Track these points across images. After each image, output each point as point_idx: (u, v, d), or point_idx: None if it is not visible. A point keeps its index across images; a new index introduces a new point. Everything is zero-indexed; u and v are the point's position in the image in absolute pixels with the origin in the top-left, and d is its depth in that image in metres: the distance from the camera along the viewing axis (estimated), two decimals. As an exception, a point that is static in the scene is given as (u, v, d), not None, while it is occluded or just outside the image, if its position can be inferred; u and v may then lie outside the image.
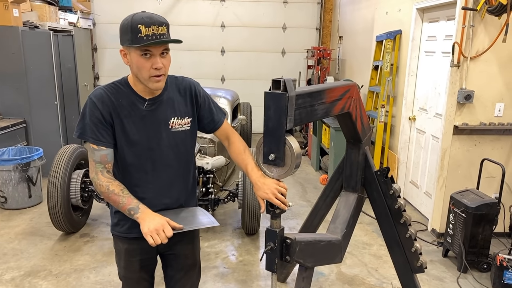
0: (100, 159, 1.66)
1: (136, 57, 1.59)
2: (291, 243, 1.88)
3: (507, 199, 3.81)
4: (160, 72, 1.62)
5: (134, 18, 1.58)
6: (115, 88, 1.70)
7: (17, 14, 5.08)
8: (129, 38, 1.57)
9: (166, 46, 1.63)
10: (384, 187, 2.45)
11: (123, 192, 1.64)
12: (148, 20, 1.57)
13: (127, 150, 1.71)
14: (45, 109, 5.42)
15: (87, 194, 3.98)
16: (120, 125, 1.68)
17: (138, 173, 1.74)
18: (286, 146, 1.72)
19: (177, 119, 1.76)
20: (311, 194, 5.15)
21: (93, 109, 1.65)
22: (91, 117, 1.64)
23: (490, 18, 3.48)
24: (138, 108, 1.69)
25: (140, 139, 1.71)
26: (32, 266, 3.37)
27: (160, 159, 1.75)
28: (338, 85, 2.16)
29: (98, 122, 1.64)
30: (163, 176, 1.77)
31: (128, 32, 1.58)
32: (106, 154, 1.67)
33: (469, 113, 3.72)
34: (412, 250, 2.50)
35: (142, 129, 1.70)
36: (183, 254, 1.93)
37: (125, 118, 1.68)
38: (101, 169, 1.67)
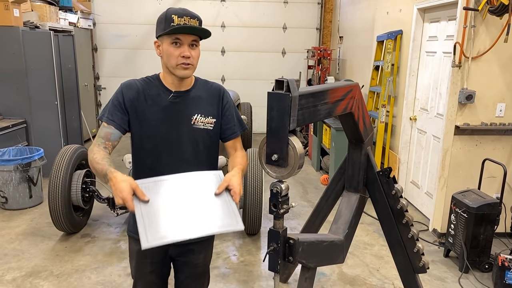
0: (104, 135, 1.72)
1: (167, 45, 1.68)
2: (294, 244, 1.88)
3: (509, 199, 3.81)
4: (188, 61, 1.68)
5: (169, 10, 1.69)
6: (146, 80, 1.82)
7: (18, 14, 5.08)
8: (162, 27, 1.67)
9: (195, 38, 1.69)
10: (386, 187, 2.45)
11: (103, 160, 1.63)
12: (181, 11, 1.67)
13: (145, 138, 1.76)
14: (45, 109, 5.41)
15: (88, 195, 3.98)
16: (143, 113, 1.75)
17: (154, 163, 1.77)
18: (289, 146, 1.72)
19: (201, 117, 1.79)
20: (311, 194, 5.15)
21: (118, 94, 1.76)
22: (113, 100, 1.76)
23: (491, 18, 3.47)
24: (163, 98, 1.76)
25: (159, 129, 1.75)
26: (33, 266, 3.37)
27: (178, 152, 1.77)
28: (340, 85, 2.16)
29: (117, 105, 1.74)
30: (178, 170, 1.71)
31: (162, 22, 1.68)
32: (111, 133, 1.73)
33: (470, 113, 3.72)
34: (414, 250, 2.50)
35: (163, 119, 1.75)
36: (194, 263, 1.93)
37: (149, 106, 1.75)
38: (99, 143, 1.72)
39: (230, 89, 5.88)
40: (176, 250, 1.86)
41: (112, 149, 1.75)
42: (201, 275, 1.99)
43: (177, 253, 1.88)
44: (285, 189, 1.81)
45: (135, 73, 8.22)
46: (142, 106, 1.75)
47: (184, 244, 1.72)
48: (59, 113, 5.54)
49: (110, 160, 1.66)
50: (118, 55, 8.29)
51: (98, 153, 1.67)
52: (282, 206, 1.81)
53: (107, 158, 1.66)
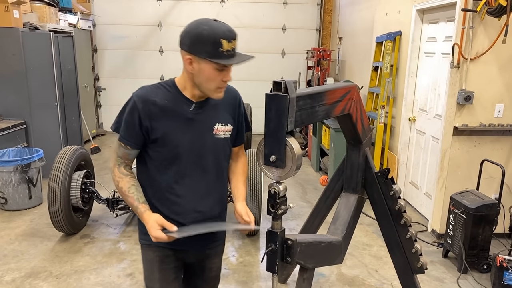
0: (122, 155, 1.69)
1: (210, 69, 1.56)
2: (292, 245, 1.88)
3: (507, 200, 3.82)
4: (226, 84, 1.64)
5: (216, 29, 1.52)
6: (161, 89, 1.67)
7: (17, 15, 5.09)
8: (209, 51, 1.51)
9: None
10: (385, 188, 2.46)
11: (129, 191, 1.66)
12: (229, 34, 1.54)
13: (166, 153, 1.66)
14: (45, 110, 5.42)
15: (88, 195, 3.99)
16: (164, 127, 1.63)
17: (176, 176, 1.69)
18: (287, 147, 1.73)
19: (221, 125, 1.73)
20: (311, 195, 5.16)
21: (133, 109, 1.63)
22: (128, 115, 1.64)
23: (489, 20, 3.48)
24: (185, 110, 1.66)
25: (183, 142, 1.66)
26: (32, 267, 3.37)
27: (201, 164, 1.71)
28: (338, 86, 2.17)
29: (132, 122, 1.63)
30: (201, 182, 1.72)
31: (208, 44, 1.51)
32: (129, 153, 1.69)
33: (469, 114, 3.73)
34: (413, 251, 2.51)
35: (187, 132, 1.66)
36: (209, 267, 1.96)
37: (169, 119, 1.64)
38: (119, 163, 1.70)
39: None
40: (195, 256, 1.88)
41: (132, 163, 1.75)
42: (214, 278, 2.03)
43: (195, 260, 1.90)
44: (283, 190, 1.81)
45: (135, 74, 8.25)
46: (162, 119, 1.63)
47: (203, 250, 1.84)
48: (59, 114, 5.55)
49: (136, 187, 1.68)
50: (118, 56, 8.30)
51: (122, 180, 1.68)
52: (280, 207, 1.81)
53: (133, 187, 1.67)
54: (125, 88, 8.09)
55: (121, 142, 1.67)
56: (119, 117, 1.68)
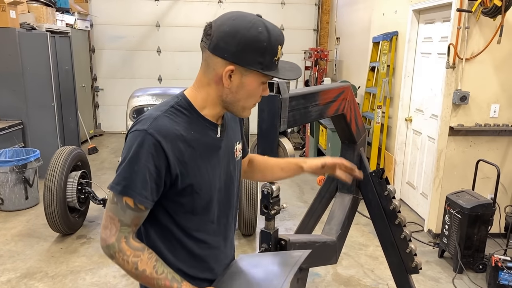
0: (131, 221, 1.13)
1: (255, 83, 1.17)
2: (285, 245, 1.88)
3: (502, 199, 3.83)
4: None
5: (272, 33, 1.12)
6: (179, 114, 1.17)
7: (14, 15, 5.08)
8: (263, 61, 1.12)
9: None
10: (379, 188, 2.46)
11: (158, 271, 1.15)
12: (282, 38, 1.17)
13: (197, 200, 1.20)
14: (42, 111, 5.42)
15: (84, 196, 3.98)
16: (195, 169, 1.17)
17: (202, 224, 1.25)
18: (280, 148, 1.73)
19: (238, 144, 1.37)
20: (308, 195, 5.16)
21: (156, 152, 1.09)
22: (147, 163, 1.09)
23: (485, 20, 3.49)
24: (213, 138, 1.23)
25: (213, 180, 1.23)
26: (28, 268, 3.37)
27: (226, 200, 1.31)
28: (332, 87, 2.17)
29: (156, 173, 1.10)
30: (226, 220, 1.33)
31: (264, 53, 1.12)
32: (142, 217, 1.16)
33: (465, 114, 3.73)
34: (407, 251, 2.51)
35: (217, 166, 1.24)
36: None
37: (199, 156, 1.18)
38: (126, 234, 1.14)
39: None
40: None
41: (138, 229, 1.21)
42: None
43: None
44: (276, 190, 1.81)
45: (132, 74, 8.25)
46: (192, 159, 1.16)
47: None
48: (56, 115, 5.55)
49: (161, 262, 1.17)
50: (116, 56, 8.29)
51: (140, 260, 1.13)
52: (273, 207, 1.81)
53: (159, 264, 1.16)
54: (123, 88, 8.09)
55: (137, 202, 1.11)
56: (127, 168, 1.10)
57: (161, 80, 8.32)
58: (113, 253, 1.14)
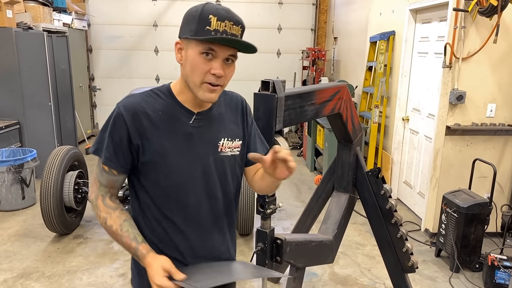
0: (107, 183, 1.32)
1: (194, 54, 1.22)
2: (281, 244, 1.89)
3: (499, 199, 3.84)
4: (218, 81, 1.26)
5: (206, 6, 1.23)
6: (153, 96, 1.32)
7: (11, 15, 5.07)
8: (193, 29, 1.21)
9: (234, 52, 1.27)
10: (375, 187, 2.47)
11: (122, 228, 1.29)
12: (223, 13, 1.22)
13: (162, 178, 1.31)
14: (39, 110, 5.40)
15: (81, 196, 3.98)
16: (156, 146, 1.28)
17: (177, 206, 1.34)
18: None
19: (228, 141, 1.39)
20: (305, 195, 5.16)
21: (119, 123, 1.27)
22: (112, 131, 1.28)
23: (481, 19, 3.50)
24: (184, 123, 1.31)
25: (182, 164, 1.31)
26: (24, 268, 3.36)
27: (206, 190, 1.36)
28: (328, 86, 2.18)
29: (119, 140, 1.27)
30: (207, 212, 1.38)
31: (194, 22, 1.21)
32: (115, 180, 1.32)
33: (461, 114, 3.74)
34: (403, 250, 2.52)
35: (187, 151, 1.31)
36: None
37: (164, 136, 1.29)
38: (103, 194, 1.33)
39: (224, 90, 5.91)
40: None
41: (119, 191, 1.39)
42: None
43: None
44: (272, 190, 1.82)
45: (130, 74, 8.23)
46: (154, 136, 1.28)
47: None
48: (53, 114, 5.53)
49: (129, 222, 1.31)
50: (113, 56, 8.28)
51: (109, 216, 1.30)
52: (269, 206, 1.82)
53: (126, 224, 1.30)
54: (120, 88, 8.07)
55: (105, 165, 1.29)
56: (100, 136, 1.30)
57: (159, 79, 8.31)
58: (93, 208, 1.36)
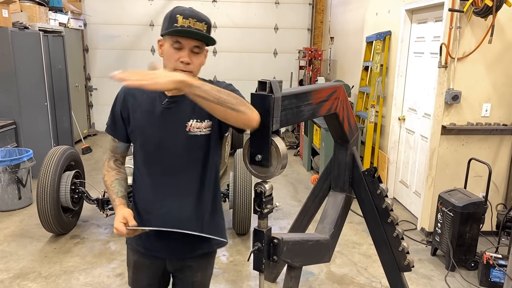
0: (112, 149, 1.77)
1: (168, 46, 1.55)
2: (278, 243, 1.89)
3: (494, 198, 3.87)
4: (186, 67, 1.53)
5: (176, 8, 1.57)
6: None
7: (7, 15, 5.05)
8: (166, 27, 1.55)
9: (199, 43, 1.54)
10: (372, 187, 2.48)
11: (112, 184, 1.70)
12: (188, 12, 1.55)
13: (139, 148, 1.70)
14: (35, 110, 5.39)
15: (78, 196, 3.97)
16: (136, 120, 1.67)
17: (150, 174, 1.68)
18: (272, 147, 1.74)
19: (196, 122, 1.62)
20: (302, 194, 5.18)
21: (116, 101, 1.72)
22: (113, 109, 1.72)
23: (476, 20, 3.52)
24: (158, 104, 1.63)
25: (152, 138, 1.65)
26: (21, 268, 3.36)
27: (173, 163, 1.65)
28: (324, 86, 2.18)
29: (116, 114, 1.70)
30: (176, 183, 1.66)
31: (166, 21, 1.56)
32: (117, 147, 1.75)
33: (457, 113, 3.77)
34: (399, 249, 2.53)
35: (157, 128, 1.64)
36: (191, 282, 1.80)
37: (143, 113, 1.65)
38: (109, 157, 1.78)
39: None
40: (174, 266, 1.78)
41: (124, 159, 1.80)
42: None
43: (174, 269, 1.79)
44: (269, 189, 1.82)
45: (126, 74, 8.20)
46: (136, 112, 1.66)
47: (181, 259, 1.74)
48: (49, 114, 5.52)
49: (119, 181, 1.71)
50: (110, 55, 8.26)
51: (108, 174, 1.74)
52: (266, 206, 1.82)
53: (116, 182, 1.71)
54: (117, 88, 7.86)
55: (108, 133, 1.74)
56: (110, 112, 1.74)
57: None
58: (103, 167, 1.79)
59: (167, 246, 1.70)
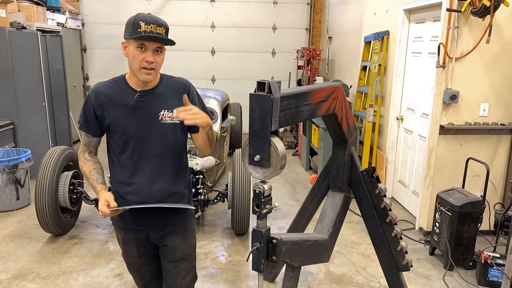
0: (85, 143, 1.98)
1: (133, 49, 1.78)
2: (277, 243, 1.89)
3: (492, 197, 3.88)
4: (151, 65, 1.79)
5: (138, 15, 1.78)
6: (112, 82, 1.93)
7: (4, 14, 5.04)
8: (130, 32, 1.77)
9: (160, 44, 1.80)
10: (370, 186, 2.48)
11: (91, 173, 1.92)
12: (149, 19, 1.77)
13: (118, 138, 1.89)
14: (33, 111, 5.38)
15: (76, 196, 3.96)
16: (112, 115, 1.87)
17: (129, 160, 1.90)
18: (271, 147, 1.74)
19: (167, 112, 1.88)
20: (300, 194, 5.18)
21: (88, 101, 1.90)
22: (85, 107, 1.92)
23: (474, 20, 3.53)
24: (129, 98, 1.86)
25: (129, 128, 1.87)
26: (19, 268, 3.35)
27: (149, 148, 1.89)
28: (323, 86, 2.19)
29: (89, 112, 1.90)
30: (152, 165, 1.91)
31: (130, 26, 1.77)
32: (91, 141, 1.96)
33: (455, 113, 3.77)
34: (398, 248, 2.54)
35: (132, 119, 1.86)
36: (172, 246, 2.02)
37: (117, 108, 1.86)
38: (84, 150, 1.98)
39: (219, 90, 5.91)
40: (156, 235, 2.00)
41: (96, 151, 2.02)
42: (180, 260, 2.04)
43: (157, 238, 2.01)
44: (268, 190, 1.82)
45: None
46: (111, 108, 1.87)
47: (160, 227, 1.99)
48: (47, 114, 5.51)
49: (96, 170, 1.94)
50: (108, 55, 8.25)
51: (85, 164, 1.95)
52: (265, 206, 1.82)
53: (94, 171, 1.93)
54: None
55: (81, 130, 1.95)
56: (81, 111, 1.94)
57: (154, 79, 8.30)
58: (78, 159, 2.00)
59: (147, 219, 1.95)
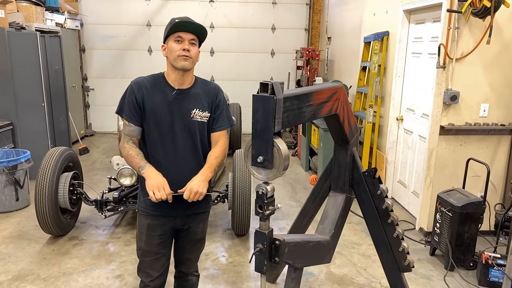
0: (128, 133, 2.10)
1: (171, 43, 2.03)
2: (280, 245, 1.89)
3: (492, 197, 3.88)
4: (187, 53, 2.01)
5: (173, 18, 2.04)
6: (152, 78, 2.13)
7: (3, 15, 5.02)
8: (167, 30, 2.03)
9: (194, 37, 2.04)
10: (372, 187, 2.48)
11: (138, 155, 2.07)
12: (184, 17, 2.03)
13: (153, 128, 2.09)
14: (32, 111, 5.36)
15: (76, 197, 3.95)
16: (151, 107, 2.07)
17: (161, 149, 2.11)
18: (275, 148, 1.74)
19: (199, 111, 2.12)
20: (300, 195, 5.18)
21: (131, 92, 2.08)
22: (128, 98, 2.08)
23: (474, 20, 3.54)
24: (167, 94, 2.09)
25: (165, 120, 2.08)
26: (19, 270, 3.34)
27: (180, 140, 2.11)
28: (325, 87, 2.18)
29: (132, 103, 2.07)
30: (181, 155, 2.12)
31: (167, 27, 2.03)
32: (133, 130, 2.10)
33: (455, 114, 3.78)
34: (400, 249, 2.53)
35: (168, 113, 2.08)
36: (194, 231, 2.29)
37: (156, 101, 2.07)
38: (127, 140, 2.11)
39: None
40: (182, 221, 2.21)
41: (138, 141, 2.15)
42: (199, 240, 2.35)
43: (182, 224, 2.23)
44: (271, 191, 1.82)
45: (123, 74, 8.19)
46: (151, 101, 2.07)
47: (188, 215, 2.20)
48: (46, 115, 5.49)
49: (143, 155, 2.09)
50: (106, 55, 8.23)
51: (131, 149, 2.09)
52: (268, 207, 1.82)
53: (142, 154, 2.09)
54: (114, 88, 8.03)
55: (125, 119, 2.09)
56: (121, 101, 2.11)
57: (153, 79, 8.28)
58: (120, 149, 2.15)
59: (178, 207, 2.10)
